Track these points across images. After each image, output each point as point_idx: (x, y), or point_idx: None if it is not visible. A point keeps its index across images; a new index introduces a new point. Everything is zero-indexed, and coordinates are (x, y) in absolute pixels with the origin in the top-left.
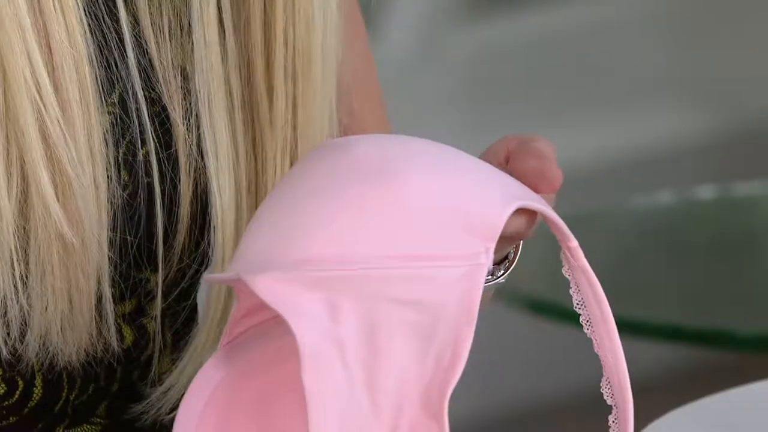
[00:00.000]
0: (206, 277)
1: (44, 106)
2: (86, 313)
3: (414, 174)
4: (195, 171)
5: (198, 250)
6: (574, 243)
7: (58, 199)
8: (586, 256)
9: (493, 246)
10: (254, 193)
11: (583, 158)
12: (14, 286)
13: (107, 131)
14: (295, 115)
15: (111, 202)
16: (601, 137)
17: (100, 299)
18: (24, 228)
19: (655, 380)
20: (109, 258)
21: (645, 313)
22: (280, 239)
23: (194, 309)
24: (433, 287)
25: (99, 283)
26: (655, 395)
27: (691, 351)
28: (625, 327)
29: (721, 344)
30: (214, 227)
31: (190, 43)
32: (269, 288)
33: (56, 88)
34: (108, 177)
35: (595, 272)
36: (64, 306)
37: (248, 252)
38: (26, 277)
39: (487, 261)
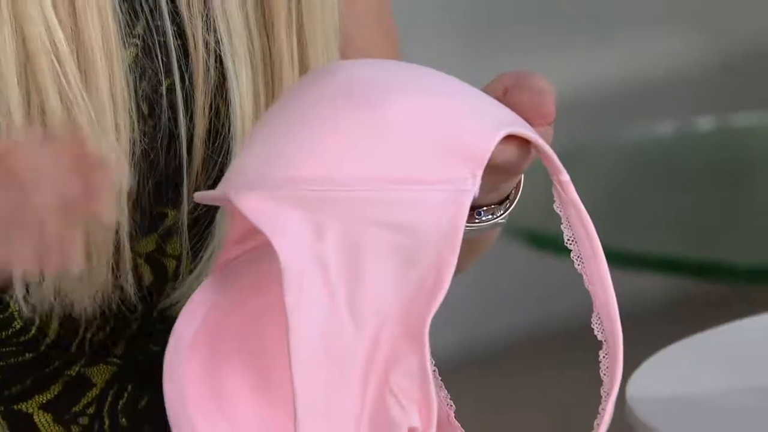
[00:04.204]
0: (196, 195)
1: (59, 60)
2: (103, 264)
3: (403, 97)
4: (212, 92)
5: (214, 171)
6: (565, 177)
7: None
8: (584, 188)
9: (480, 172)
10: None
11: (582, 88)
12: None
13: (130, 67)
14: None
15: (131, 141)
16: (599, 66)
17: (117, 248)
18: None
19: (655, 313)
20: (128, 195)
21: (644, 245)
22: (268, 159)
23: (212, 224)
24: (417, 210)
25: (117, 234)
26: (655, 328)
27: (690, 283)
28: (624, 259)
29: (720, 276)
30: (232, 137)
31: None
32: (254, 206)
33: (76, 37)
34: (129, 116)
35: (593, 204)
36: (81, 256)
37: (237, 172)
38: None
39: (473, 187)
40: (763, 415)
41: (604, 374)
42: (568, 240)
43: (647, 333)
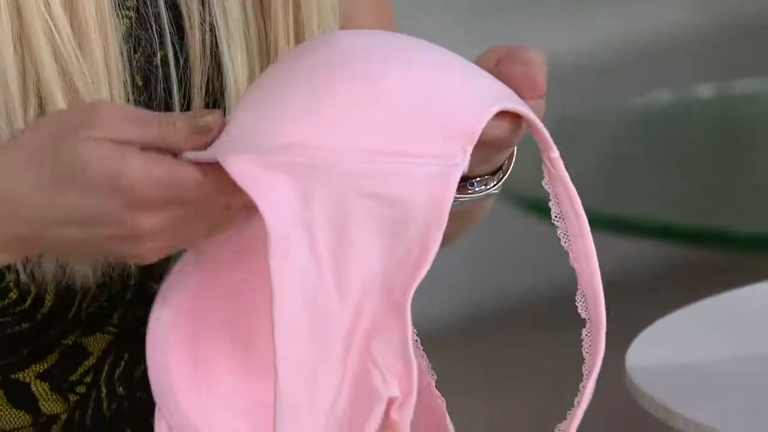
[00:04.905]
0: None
1: (55, 26)
2: None
3: (399, 69)
4: (208, 71)
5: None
6: (555, 153)
7: None
8: (583, 156)
9: (470, 148)
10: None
11: (582, 56)
12: None
13: (123, 38)
14: None
15: None
16: (598, 34)
17: None
18: None
19: (652, 281)
20: None
21: (643, 212)
22: (261, 123)
23: None
24: (406, 183)
25: None
26: (652, 296)
27: (687, 251)
28: (623, 226)
29: (719, 244)
30: (228, 106)
31: None
32: (243, 170)
33: (70, 6)
34: (124, 87)
35: (592, 172)
36: None
37: (229, 135)
38: None
39: (463, 163)
40: (764, 383)
41: (587, 352)
42: (556, 216)
43: (645, 301)
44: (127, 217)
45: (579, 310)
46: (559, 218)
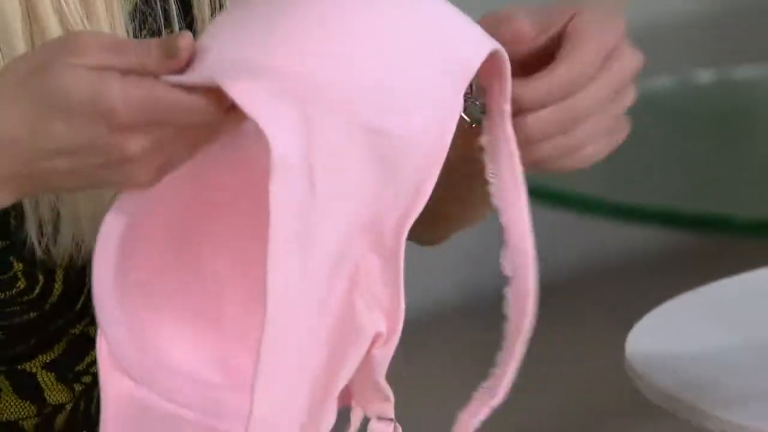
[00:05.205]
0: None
1: (66, 3)
2: None
3: (391, 3)
4: None
5: None
6: (509, 107)
7: None
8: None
9: (464, 87)
10: None
11: None
12: None
13: (130, 16)
14: None
15: None
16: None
17: None
18: None
19: (654, 268)
20: None
21: (642, 199)
22: (257, 46)
23: None
24: (402, 119)
25: None
26: (648, 282)
27: (690, 237)
28: (623, 213)
29: (718, 229)
30: None
31: None
32: (246, 94)
33: None
34: None
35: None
36: (92, 201)
37: (221, 56)
38: None
39: (460, 106)
40: (762, 369)
41: (512, 316)
42: (491, 174)
43: (645, 287)
44: (112, 142)
45: (503, 266)
46: (494, 176)
